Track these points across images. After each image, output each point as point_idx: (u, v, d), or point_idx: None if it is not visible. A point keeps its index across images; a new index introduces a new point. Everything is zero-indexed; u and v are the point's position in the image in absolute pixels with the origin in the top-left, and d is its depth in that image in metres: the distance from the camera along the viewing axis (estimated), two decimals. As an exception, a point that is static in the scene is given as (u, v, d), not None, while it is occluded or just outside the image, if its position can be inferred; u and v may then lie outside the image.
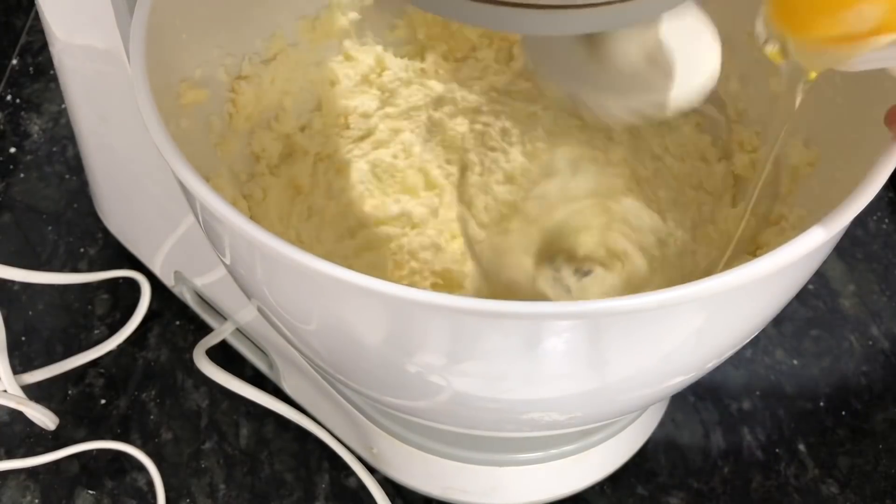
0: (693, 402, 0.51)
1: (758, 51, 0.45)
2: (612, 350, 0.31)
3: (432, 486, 0.47)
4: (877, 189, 0.31)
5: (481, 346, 0.30)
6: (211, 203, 0.30)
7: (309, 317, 0.33)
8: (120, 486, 0.49)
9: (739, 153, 0.46)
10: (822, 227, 0.30)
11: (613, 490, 0.48)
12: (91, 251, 0.57)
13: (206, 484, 0.49)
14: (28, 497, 0.48)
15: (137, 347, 0.53)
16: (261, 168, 0.47)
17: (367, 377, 0.36)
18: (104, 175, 0.53)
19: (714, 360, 0.35)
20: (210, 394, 0.51)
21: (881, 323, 0.54)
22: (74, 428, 0.50)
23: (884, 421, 0.51)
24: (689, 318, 0.31)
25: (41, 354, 0.53)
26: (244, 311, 0.50)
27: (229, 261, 0.34)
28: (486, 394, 0.34)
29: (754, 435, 0.50)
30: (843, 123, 0.39)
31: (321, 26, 0.49)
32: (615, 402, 0.36)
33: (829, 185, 0.40)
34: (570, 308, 0.28)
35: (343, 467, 0.49)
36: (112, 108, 0.46)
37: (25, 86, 0.66)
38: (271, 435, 0.50)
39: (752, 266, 0.29)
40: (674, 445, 0.50)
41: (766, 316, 0.35)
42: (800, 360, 0.53)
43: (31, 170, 0.61)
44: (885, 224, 0.59)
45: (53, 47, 0.47)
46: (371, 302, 0.29)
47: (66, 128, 0.63)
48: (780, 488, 0.49)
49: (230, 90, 0.45)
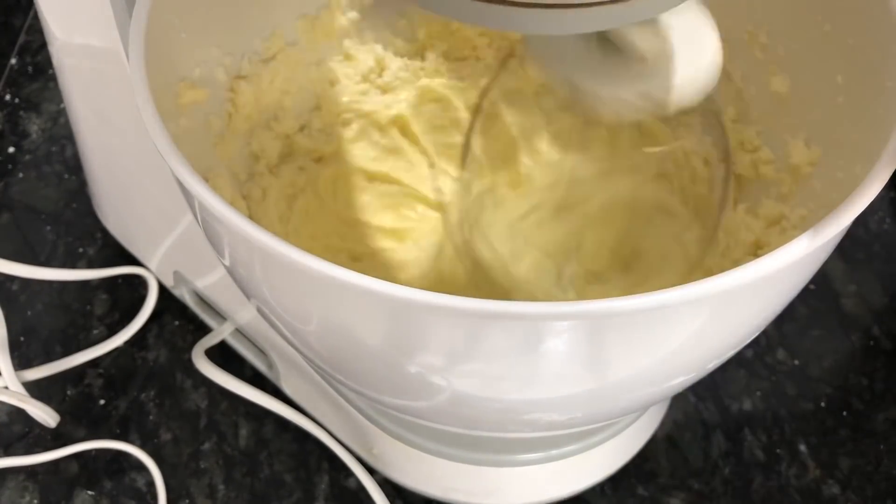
0: (694, 402, 0.51)
1: (758, 50, 0.45)
2: (613, 350, 0.31)
3: (432, 487, 0.47)
4: (878, 189, 0.31)
5: (481, 346, 0.30)
6: (210, 203, 0.30)
7: (309, 317, 0.33)
8: (119, 486, 0.48)
9: (740, 153, 0.46)
10: (823, 226, 0.30)
11: (614, 491, 0.48)
12: (90, 251, 0.57)
13: (205, 484, 0.49)
14: (27, 497, 0.48)
15: (136, 348, 0.53)
16: (260, 168, 0.47)
17: (367, 377, 0.36)
18: (103, 175, 0.53)
19: (715, 361, 0.35)
20: (209, 394, 0.51)
21: (882, 323, 0.54)
22: (73, 428, 0.50)
23: (885, 421, 0.51)
24: (690, 319, 0.31)
25: (40, 354, 0.53)
26: (243, 311, 0.49)
27: (228, 261, 0.34)
28: (487, 394, 0.34)
29: (755, 435, 0.50)
30: (844, 123, 0.39)
31: (321, 26, 0.49)
32: (616, 403, 0.36)
33: (830, 184, 0.40)
34: (571, 308, 0.28)
35: (343, 468, 0.49)
36: (111, 108, 0.46)
37: (24, 85, 0.66)
38: (271, 435, 0.50)
39: (753, 266, 0.29)
40: (674, 446, 0.50)
41: (768, 316, 0.35)
42: (801, 360, 0.53)
43: (29, 169, 0.61)
44: (886, 224, 0.59)
45: (52, 46, 0.47)
46: (371, 302, 0.29)
47: (65, 127, 0.63)
48: (781, 489, 0.49)
49: (229, 90, 0.45)
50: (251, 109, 0.46)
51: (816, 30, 0.41)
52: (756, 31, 0.45)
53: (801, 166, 0.42)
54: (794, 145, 0.43)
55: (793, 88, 0.43)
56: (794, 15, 0.42)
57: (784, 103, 0.44)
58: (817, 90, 0.42)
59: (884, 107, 0.35)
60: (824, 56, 0.41)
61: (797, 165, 0.42)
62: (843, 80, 0.39)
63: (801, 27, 0.42)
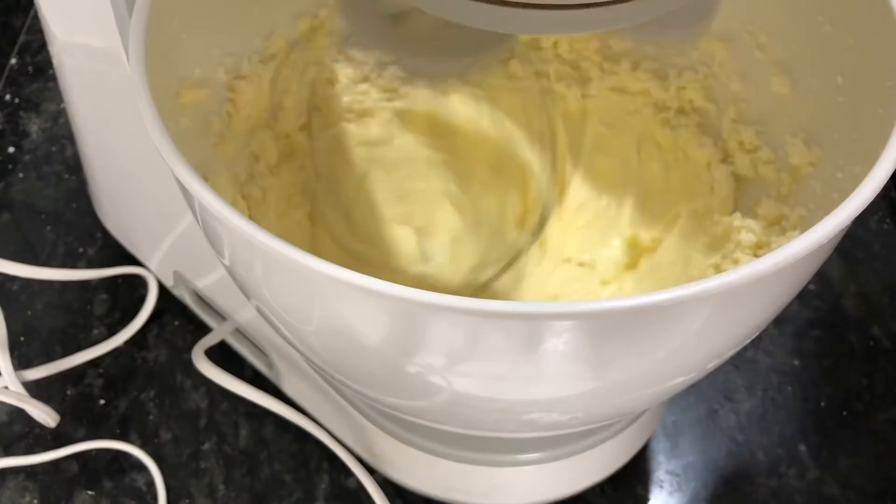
0: (694, 402, 0.51)
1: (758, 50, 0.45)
2: (613, 350, 0.31)
3: (432, 487, 0.47)
4: (878, 189, 0.31)
5: (481, 346, 0.30)
6: (210, 203, 0.30)
7: (308, 317, 0.33)
8: (119, 486, 0.48)
9: (740, 153, 0.46)
10: (823, 226, 0.30)
11: (614, 491, 0.48)
12: (90, 251, 0.57)
13: (205, 484, 0.49)
14: (27, 497, 0.48)
15: (136, 347, 0.53)
16: (260, 168, 0.47)
17: (367, 377, 0.36)
18: (103, 175, 0.53)
19: (715, 361, 0.35)
20: (209, 394, 0.51)
21: (882, 323, 0.54)
22: (73, 428, 0.50)
23: (885, 421, 0.51)
24: (690, 319, 0.31)
25: (40, 354, 0.53)
26: (243, 311, 0.49)
27: (228, 261, 0.34)
28: (487, 394, 0.33)
29: (755, 435, 0.50)
30: (844, 123, 0.39)
31: (321, 25, 0.49)
32: (616, 403, 0.36)
33: (829, 184, 0.40)
34: (571, 308, 0.28)
35: (343, 468, 0.49)
36: (111, 108, 0.46)
37: (24, 85, 0.66)
38: (271, 435, 0.50)
39: (753, 266, 0.29)
40: (674, 446, 0.50)
41: (768, 316, 0.35)
42: (801, 361, 0.53)
43: (29, 169, 0.61)
44: (885, 224, 0.59)
45: (52, 46, 0.47)
46: (371, 302, 0.29)
47: (65, 127, 0.63)
48: (781, 489, 0.49)
49: (229, 90, 0.45)
50: (251, 109, 0.46)
51: (816, 30, 0.41)
52: (756, 31, 0.45)
53: (800, 166, 0.42)
54: (793, 145, 0.42)
55: (793, 88, 0.43)
56: (794, 15, 0.42)
57: (784, 103, 0.44)
58: (817, 90, 0.41)
59: (884, 107, 0.35)
60: (824, 56, 0.41)
61: (797, 165, 0.42)
62: (843, 80, 0.39)
63: (801, 27, 0.42)
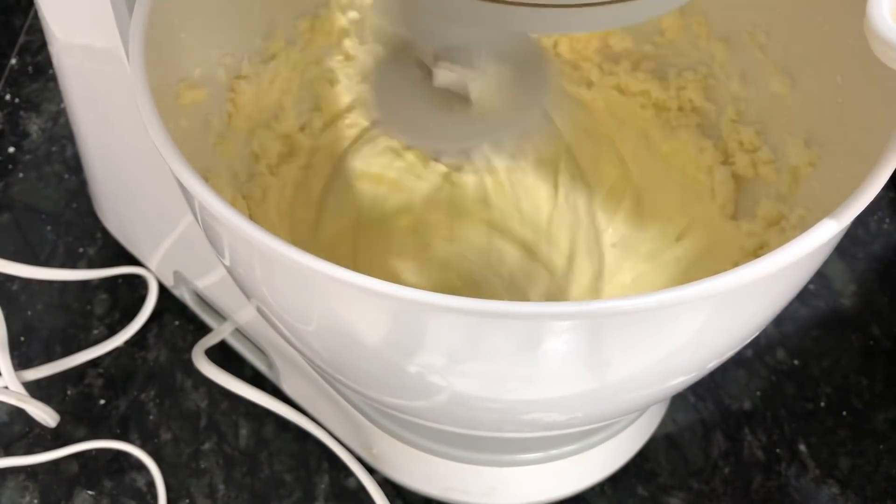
0: (693, 402, 0.51)
1: (758, 50, 0.45)
2: (613, 350, 0.31)
3: (432, 487, 0.47)
4: (878, 189, 0.31)
5: (481, 346, 0.30)
6: (210, 203, 0.30)
7: (309, 317, 0.33)
8: (119, 486, 0.48)
9: (740, 153, 0.46)
10: (823, 226, 0.30)
11: (614, 490, 0.48)
12: (90, 251, 0.57)
13: (205, 484, 0.49)
14: (27, 497, 0.48)
15: (136, 347, 0.53)
16: (260, 168, 0.47)
17: (367, 377, 0.36)
18: (103, 175, 0.53)
19: (715, 360, 0.35)
20: (209, 394, 0.51)
21: (882, 323, 0.54)
22: (74, 428, 0.50)
23: (885, 421, 0.51)
24: (690, 318, 0.31)
25: (40, 354, 0.53)
26: (243, 311, 0.49)
27: (228, 261, 0.34)
28: (487, 394, 0.33)
29: (755, 435, 0.50)
30: (843, 123, 0.39)
31: (321, 25, 0.49)
32: (616, 403, 0.36)
33: (829, 184, 0.40)
34: (571, 308, 0.28)
35: (343, 468, 0.48)
36: (111, 108, 0.46)
37: (24, 85, 0.66)
38: (271, 435, 0.50)
39: (753, 266, 0.29)
40: (674, 446, 0.50)
41: (767, 316, 0.35)
42: (801, 360, 0.53)
43: (29, 169, 0.61)
44: (885, 224, 0.59)
45: (52, 47, 0.47)
46: (371, 302, 0.29)
47: (65, 127, 0.63)
48: (780, 489, 0.49)
49: (229, 90, 0.45)
50: (251, 109, 0.46)
51: (816, 30, 0.41)
52: (756, 31, 0.45)
53: (800, 166, 0.42)
54: (793, 145, 0.42)
55: (793, 88, 0.43)
56: (794, 15, 0.42)
57: (784, 103, 0.44)
58: (817, 90, 0.42)
59: (884, 107, 0.35)
60: (824, 56, 0.41)
61: (797, 165, 0.42)
62: (843, 80, 0.39)
63: (801, 27, 0.42)
